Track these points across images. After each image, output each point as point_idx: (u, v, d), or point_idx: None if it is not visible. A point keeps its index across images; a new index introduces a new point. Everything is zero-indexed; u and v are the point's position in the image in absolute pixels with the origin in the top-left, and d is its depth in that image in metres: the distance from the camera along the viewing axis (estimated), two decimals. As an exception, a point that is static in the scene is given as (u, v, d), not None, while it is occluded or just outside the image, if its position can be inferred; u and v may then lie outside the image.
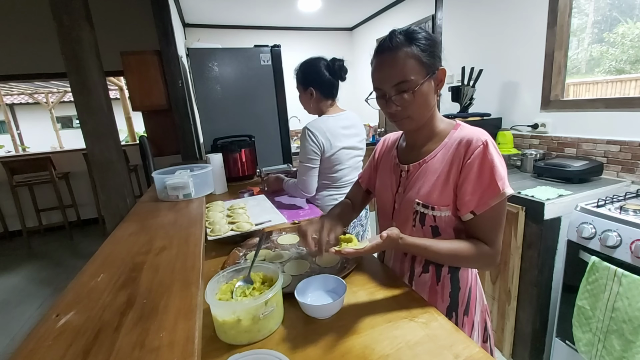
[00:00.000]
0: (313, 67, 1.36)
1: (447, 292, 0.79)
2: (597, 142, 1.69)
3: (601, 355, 1.18)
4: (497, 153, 0.69)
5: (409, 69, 0.67)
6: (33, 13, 3.19)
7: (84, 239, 3.79)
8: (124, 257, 0.78)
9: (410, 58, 0.67)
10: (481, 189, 0.68)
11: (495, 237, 0.71)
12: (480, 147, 0.68)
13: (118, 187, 1.52)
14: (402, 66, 0.67)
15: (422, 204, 0.75)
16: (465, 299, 0.79)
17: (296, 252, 0.98)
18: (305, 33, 4.35)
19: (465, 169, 0.69)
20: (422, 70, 0.68)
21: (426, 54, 0.68)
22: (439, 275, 0.79)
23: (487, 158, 0.67)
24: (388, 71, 0.69)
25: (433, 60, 0.69)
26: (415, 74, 0.67)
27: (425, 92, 0.69)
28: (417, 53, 0.67)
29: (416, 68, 0.67)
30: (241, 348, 0.60)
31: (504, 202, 0.69)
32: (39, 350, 0.47)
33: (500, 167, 0.68)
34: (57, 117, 9.28)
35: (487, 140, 0.69)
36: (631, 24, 1.79)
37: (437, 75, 0.71)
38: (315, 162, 1.35)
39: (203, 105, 2.53)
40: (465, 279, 0.79)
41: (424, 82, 0.68)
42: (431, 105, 0.73)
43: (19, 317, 2.37)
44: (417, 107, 0.70)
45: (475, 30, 2.43)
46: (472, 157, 0.68)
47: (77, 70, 1.37)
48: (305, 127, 1.34)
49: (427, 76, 0.68)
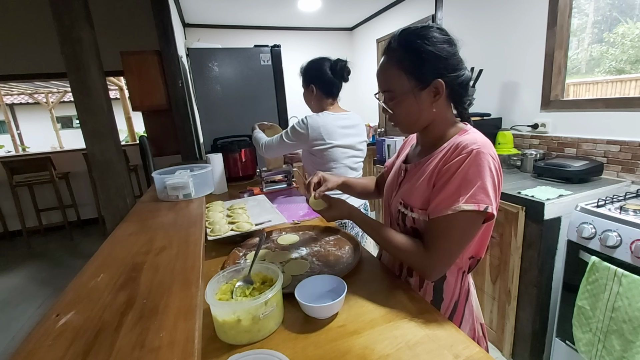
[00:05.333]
0: (316, 65, 1.42)
1: (428, 300, 0.76)
2: (597, 142, 1.69)
3: (601, 355, 1.18)
4: (481, 165, 0.61)
5: (392, 79, 0.68)
6: (33, 13, 3.19)
7: (84, 239, 3.79)
8: (124, 257, 0.78)
9: (397, 69, 0.67)
10: (442, 195, 0.64)
11: (435, 245, 0.65)
12: (464, 154, 0.63)
13: (118, 187, 1.52)
14: (387, 75, 0.69)
15: (403, 204, 0.75)
16: (448, 311, 0.76)
17: (296, 252, 0.98)
18: (305, 33, 4.35)
19: (442, 171, 0.66)
20: (407, 82, 0.66)
21: (420, 66, 0.65)
22: (422, 282, 0.77)
23: (464, 166, 0.62)
24: (379, 77, 0.72)
25: (430, 72, 0.65)
26: (398, 86, 0.67)
27: (408, 103, 0.68)
28: (407, 64, 0.66)
29: (400, 80, 0.67)
30: (241, 348, 0.60)
31: (463, 217, 0.62)
32: (39, 350, 0.47)
33: (476, 180, 0.61)
34: (57, 117, 9.28)
35: (475, 150, 0.62)
36: (631, 24, 1.80)
37: (431, 86, 0.66)
38: (292, 141, 1.40)
39: (203, 105, 2.53)
40: (450, 291, 0.75)
41: (407, 94, 0.67)
42: (423, 115, 0.69)
43: (19, 317, 2.37)
44: (402, 117, 0.71)
45: (475, 30, 2.43)
46: (453, 162, 0.64)
47: (77, 70, 1.37)
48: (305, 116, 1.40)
49: (413, 89, 0.66)
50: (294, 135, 1.39)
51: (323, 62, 1.41)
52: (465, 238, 0.66)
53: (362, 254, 0.92)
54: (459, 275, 0.75)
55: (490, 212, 0.62)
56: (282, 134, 1.44)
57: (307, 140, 1.37)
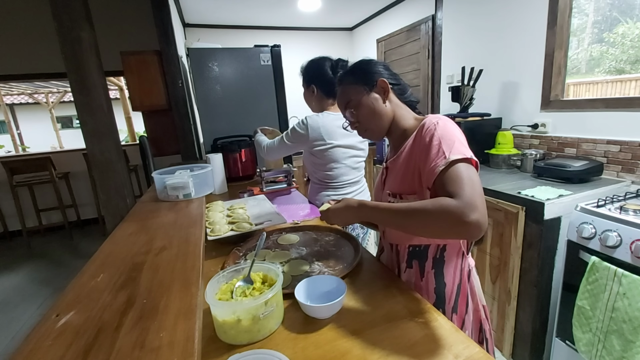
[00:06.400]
0: (317, 65, 1.41)
1: (432, 288, 0.79)
2: (597, 142, 1.69)
3: (601, 356, 1.18)
4: (447, 128, 0.70)
5: (349, 92, 0.84)
6: (33, 13, 3.18)
7: (84, 239, 3.79)
8: (124, 257, 0.78)
9: (349, 85, 0.84)
10: (430, 160, 0.68)
11: (460, 190, 0.61)
12: (432, 126, 0.71)
13: (118, 187, 1.52)
14: (345, 92, 0.85)
15: (391, 194, 0.80)
16: (452, 295, 0.78)
17: (296, 252, 0.98)
18: (305, 33, 4.35)
19: (421, 150, 0.72)
20: (359, 89, 0.82)
21: (361, 77, 0.82)
22: (423, 271, 0.79)
23: (436, 133, 0.69)
24: (340, 100, 0.88)
25: (369, 77, 0.81)
26: (354, 93, 0.82)
27: (367, 104, 0.81)
28: (352, 79, 0.84)
29: (354, 90, 0.83)
30: (241, 348, 0.60)
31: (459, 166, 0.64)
32: (39, 350, 0.47)
33: (450, 137, 0.68)
34: (57, 117, 9.28)
35: (439, 120, 0.72)
36: (631, 24, 1.80)
37: (378, 86, 0.81)
38: (292, 142, 1.41)
39: (203, 105, 2.53)
40: (451, 275, 0.78)
41: (361, 96, 0.81)
42: (382, 113, 0.81)
43: (19, 317, 2.37)
44: (367, 118, 0.82)
45: (475, 30, 2.43)
46: (425, 137, 0.71)
47: (77, 70, 1.37)
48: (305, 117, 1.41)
49: (365, 91, 0.81)
50: (295, 136, 1.39)
51: (324, 62, 1.40)
52: (475, 180, 0.63)
53: (362, 254, 0.92)
54: (458, 257, 0.78)
55: (475, 161, 0.67)
56: (282, 136, 1.44)
57: (308, 141, 1.37)
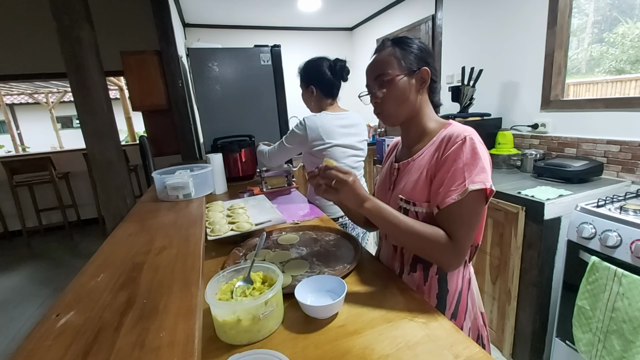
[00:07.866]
0: (315, 66, 1.40)
1: (434, 293, 0.79)
2: (597, 142, 1.69)
3: (601, 356, 1.18)
4: (476, 149, 0.67)
5: (387, 64, 0.75)
6: (33, 13, 3.18)
7: (84, 239, 3.79)
8: (124, 257, 0.78)
9: (390, 56, 0.75)
10: (449, 183, 0.67)
11: (457, 232, 0.67)
12: (459, 142, 0.68)
13: (118, 187, 1.52)
14: (382, 62, 0.76)
15: (404, 200, 0.77)
16: (453, 302, 0.78)
17: (296, 252, 0.98)
18: (305, 33, 4.35)
19: (440, 162, 0.70)
20: (400, 67, 0.75)
21: (408, 55, 0.75)
22: (427, 276, 0.79)
23: (462, 152, 0.67)
24: (372, 66, 0.79)
25: (416, 61, 0.75)
26: (393, 69, 0.75)
27: (401, 87, 0.75)
28: (399, 53, 0.75)
29: (394, 64, 0.75)
30: (241, 348, 0.60)
31: (471, 198, 0.66)
32: (39, 350, 0.47)
33: (476, 162, 0.66)
34: (57, 117, 9.28)
35: (467, 136, 0.68)
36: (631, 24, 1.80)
37: (420, 74, 0.75)
38: (292, 144, 1.41)
39: (203, 105, 2.53)
40: (454, 283, 0.78)
41: (399, 76, 0.74)
42: (410, 102, 0.76)
43: (19, 317, 2.37)
44: (393, 101, 0.76)
45: (475, 30, 2.43)
46: (449, 152, 0.69)
47: (77, 70, 1.37)
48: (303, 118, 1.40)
49: (404, 73, 0.74)
50: (294, 138, 1.39)
51: (322, 62, 1.39)
52: (477, 218, 0.69)
53: (362, 254, 0.92)
54: (462, 265, 0.78)
55: (491, 190, 0.67)
56: (282, 139, 1.44)
57: (307, 142, 1.37)
